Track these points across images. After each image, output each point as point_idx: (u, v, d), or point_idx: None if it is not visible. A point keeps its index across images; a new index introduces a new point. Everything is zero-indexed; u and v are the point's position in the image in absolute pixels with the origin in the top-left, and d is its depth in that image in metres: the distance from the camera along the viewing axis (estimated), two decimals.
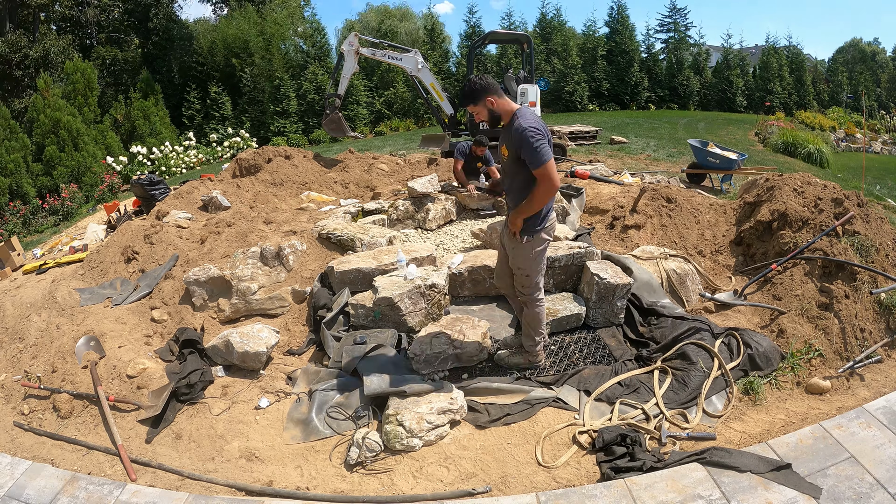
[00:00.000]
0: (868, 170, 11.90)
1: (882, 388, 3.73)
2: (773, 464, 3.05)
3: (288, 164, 8.42)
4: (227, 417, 3.74)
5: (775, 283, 4.62)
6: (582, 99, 20.31)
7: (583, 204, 6.66)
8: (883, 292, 4.17)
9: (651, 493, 2.98)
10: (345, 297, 4.76)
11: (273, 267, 5.28)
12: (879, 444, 3.20)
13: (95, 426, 3.79)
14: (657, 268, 4.90)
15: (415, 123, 18.85)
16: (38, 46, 15.79)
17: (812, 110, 21.81)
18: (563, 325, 4.45)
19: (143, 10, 18.47)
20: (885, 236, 4.76)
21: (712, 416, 3.55)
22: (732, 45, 23.38)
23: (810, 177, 5.44)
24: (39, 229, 10.31)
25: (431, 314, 4.60)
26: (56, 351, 4.41)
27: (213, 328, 4.81)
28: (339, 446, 3.47)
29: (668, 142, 12.70)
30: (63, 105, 12.57)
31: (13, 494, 3.24)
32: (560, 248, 4.89)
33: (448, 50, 21.81)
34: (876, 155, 17.82)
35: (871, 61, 28.84)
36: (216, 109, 17.28)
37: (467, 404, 3.67)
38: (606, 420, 3.54)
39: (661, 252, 5.10)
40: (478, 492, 3.08)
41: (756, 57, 25.06)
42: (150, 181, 8.44)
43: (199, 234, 6.08)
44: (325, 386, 3.89)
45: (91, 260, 6.01)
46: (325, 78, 18.24)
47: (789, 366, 3.94)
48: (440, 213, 6.78)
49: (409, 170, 9.16)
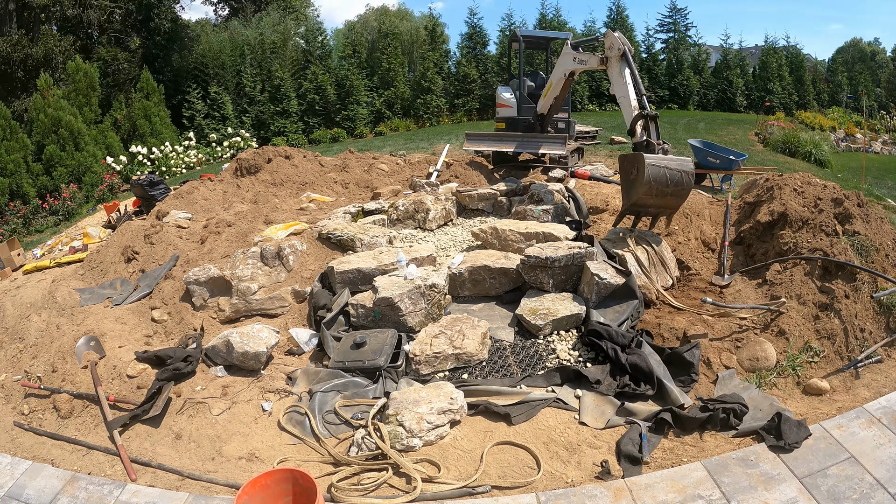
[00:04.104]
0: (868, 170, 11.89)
1: (882, 388, 3.73)
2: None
3: (288, 164, 8.42)
4: (227, 417, 3.74)
5: (775, 283, 4.61)
6: (582, 99, 20.29)
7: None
8: (884, 295, 4.17)
9: (651, 492, 2.98)
10: (345, 297, 4.76)
11: (273, 267, 5.28)
12: (879, 444, 3.20)
13: (95, 426, 3.78)
14: (630, 251, 5.00)
15: (415, 123, 18.84)
16: (39, 46, 15.78)
17: (812, 110, 21.78)
18: (562, 325, 4.45)
19: (144, 11, 18.47)
20: (885, 236, 4.76)
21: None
22: (731, 45, 23.37)
23: (810, 177, 5.43)
24: (39, 229, 10.31)
25: (431, 314, 4.60)
26: (56, 351, 4.40)
27: (213, 328, 4.81)
28: (338, 446, 3.47)
29: (668, 142, 12.68)
30: (64, 105, 12.56)
31: (13, 494, 3.24)
32: (560, 249, 4.89)
33: (448, 50, 21.81)
34: (876, 155, 17.80)
35: (871, 61, 28.80)
36: (216, 109, 17.28)
37: (467, 405, 3.67)
38: (606, 420, 3.55)
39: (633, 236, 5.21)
40: (478, 491, 3.08)
41: (756, 57, 25.02)
42: (150, 181, 8.44)
43: (199, 234, 6.08)
44: (326, 386, 3.89)
45: (91, 260, 6.01)
46: (326, 78, 18.22)
47: (790, 366, 3.94)
48: (440, 213, 6.78)
49: (409, 170, 9.16)
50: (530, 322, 4.42)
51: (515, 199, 6.95)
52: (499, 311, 4.84)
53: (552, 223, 5.84)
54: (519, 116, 8.68)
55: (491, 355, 4.21)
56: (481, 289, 5.04)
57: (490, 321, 4.59)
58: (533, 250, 4.90)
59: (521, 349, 4.29)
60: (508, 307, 4.84)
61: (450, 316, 4.56)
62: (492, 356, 4.20)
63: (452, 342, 4.13)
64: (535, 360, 4.16)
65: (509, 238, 5.50)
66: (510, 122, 8.78)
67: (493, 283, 5.02)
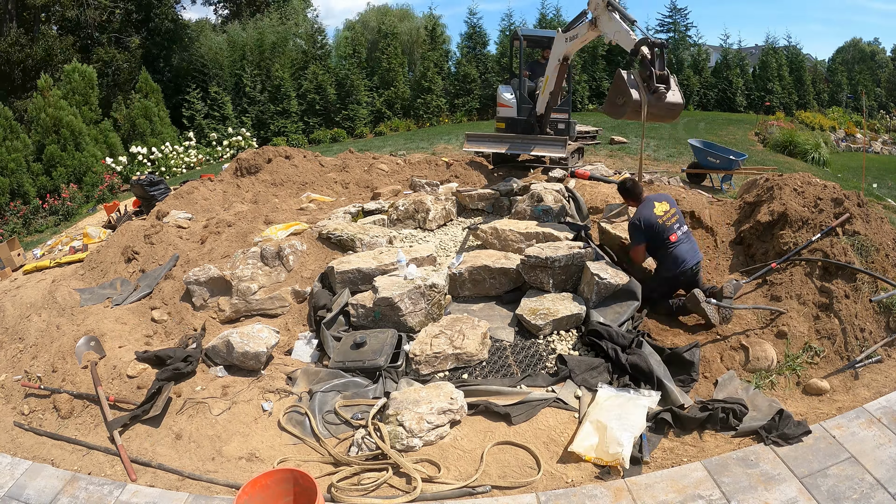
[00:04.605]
0: (868, 170, 11.89)
1: (882, 388, 3.73)
2: None
3: (288, 164, 8.42)
4: (228, 417, 3.74)
5: (775, 283, 4.61)
6: (582, 99, 20.29)
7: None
8: (883, 298, 4.17)
9: (651, 492, 2.98)
10: (345, 297, 4.76)
11: (273, 267, 5.28)
12: (879, 444, 3.20)
13: (95, 426, 3.78)
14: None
15: (415, 123, 18.84)
16: (38, 46, 15.79)
17: (812, 110, 21.78)
18: (562, 325, 4.45)
19: (144, 10, 18.47)
20: (885, 236, 4.76)
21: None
22: (731, 45, 23.38)
23: (810, 177, 5.43)
24: (39, 229, 10.31)
25: (431, 314, 4.60)
26: (56, 351, 4.40)
27: (213, 328, 4.81)
28: (338, 446, 3.47)
29: (668, 142, 12.69)
30: (64, 105, 12.55)
31: (13, 494, 3.24)
32: (560, 248, 4.89)
33: (449, 50, 21.80)
34: (876, 155, 17.81)
35: (871, 61, 28.80)
36: (216, 109, 17.27)
37: (467, 405, 3.67)
38: None
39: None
40: (478, 491, 3.08)
41: (755, 57, 25.02)
42: (150, 181, 8.43)
43: (199, 234, 6.08)
44: (326, 386, 3.89)
45: (91, 260, 6.01)
46: (326, 78, 18.22)
47: (789, 366, 3.94)
48: (440, 213, 6.78)
49: (409, 170, 9.15)
50: (530, 322, 4.42)
51: (515, 200, 6.95)
52: (499, 311, 4.84)
53: (552, 223, 5.84)
54: (518, 117, 8.66)
55: (491, 355, 4.21)
56: (481, 289, 5.04)
57: (490, 321, 4.59)
58: (533, 250, 4.90)
59: (521, 349, 4.29)
60: (508, 307, 4.84)
61: (450, 316, 4.56)
62: (492, 356, 4.21)
63: (452, 342, 4.13)
64: (535, 360, 4.16)
65: (509, 238, 5.50)
66: (510, 123, 8.76)
67: (493, 283, 5.02)
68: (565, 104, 8.80)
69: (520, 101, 8.71)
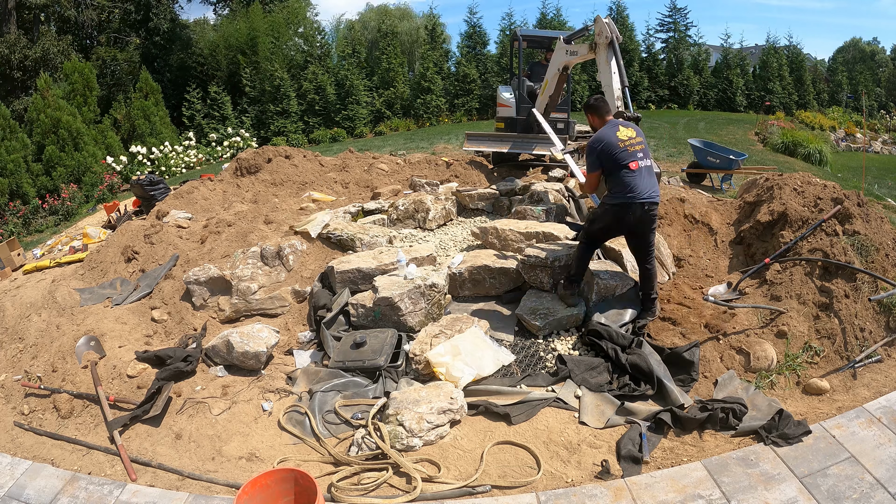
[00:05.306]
0: (868, 170, 11.89)
1: (882, 388, 3.73)
2: None
3: (288, 164, 8.41)
4: (227, 417, 3.74)
5: (775, 283, 4.61)
6: (582, 98, 20.30)
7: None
8: (882, 298, 4.16)
9: (651, 492, 2.98)
10: (345, 296, 4.76)
11: (273, 267, 5.28)
12: (879, 443, 3.20)
13: (95, 426, 3.78)
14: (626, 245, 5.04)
15: (415, 123, 18.84)
16: (37, 47, 15.80)
17: (812, 110, 21.78)
18: (562, 325, 4.45)
19: (143, 10, 18.49)
20: (885, 236, 4.75)
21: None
22: (732, 44, 23.39)
23: (810, 177, 5.43)
24: (39, 229, 10.31)
25: (431, 314, 4.60)
26: (56, 351, 4.41)
27: (213, 328, 4.81)
28: (338, 446, 3.47)
29: (668, 141, 12.68)
30: (63, 105, 12.55)
31: (13, 494, 3.24)
32: (560, 248, 4.89)
33: (448, 49, 21.81)
34: (876, 155, 17.82)
35: (871, 61, 28.82)
36: (216, 109, 17.27)
37: (467, 405, 3.67)
38: (606, 420, 3.54)
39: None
40: (478, 491, 3.08)
41: (756, 57, 25.04)
42: (150, 181, 8.43)
43: (199, 234, 6.08)
44: (326, 386, 3.89)
45: (91, 260, 6.01)
46: (326, 78, 18.22)
47: (789, 365, 3.94)
48: (440, 212, 6.78)
49: (409, 170, 9.15)
50: (530, 322, 4.42)
51: (515, 199, 6.95)
52: (499, 310, 4.84)
53: (552, 223, 5.84)
54: (517, 116, 8.68)
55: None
56: (481, 288, 5.04)
57: (490, 321, 4.59)
58: (533, 250, 4.90)
59: (521, 349, 4.29)
60: (508, 307, 4.84)
61: (450, 316, 4.56)
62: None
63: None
64: (535, 360, 4.16)
65: (509, 238, 5.50)
66: (509, 122, 8.78)
67: (493, 283, 5.02)
68: (564, 104, 8.81)
69: (519, 101, 8.72)
